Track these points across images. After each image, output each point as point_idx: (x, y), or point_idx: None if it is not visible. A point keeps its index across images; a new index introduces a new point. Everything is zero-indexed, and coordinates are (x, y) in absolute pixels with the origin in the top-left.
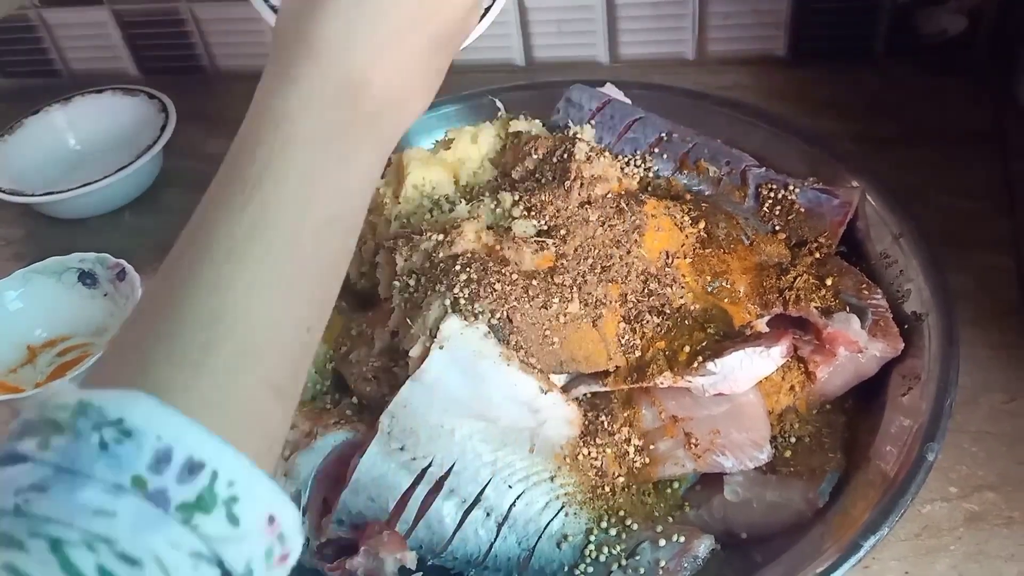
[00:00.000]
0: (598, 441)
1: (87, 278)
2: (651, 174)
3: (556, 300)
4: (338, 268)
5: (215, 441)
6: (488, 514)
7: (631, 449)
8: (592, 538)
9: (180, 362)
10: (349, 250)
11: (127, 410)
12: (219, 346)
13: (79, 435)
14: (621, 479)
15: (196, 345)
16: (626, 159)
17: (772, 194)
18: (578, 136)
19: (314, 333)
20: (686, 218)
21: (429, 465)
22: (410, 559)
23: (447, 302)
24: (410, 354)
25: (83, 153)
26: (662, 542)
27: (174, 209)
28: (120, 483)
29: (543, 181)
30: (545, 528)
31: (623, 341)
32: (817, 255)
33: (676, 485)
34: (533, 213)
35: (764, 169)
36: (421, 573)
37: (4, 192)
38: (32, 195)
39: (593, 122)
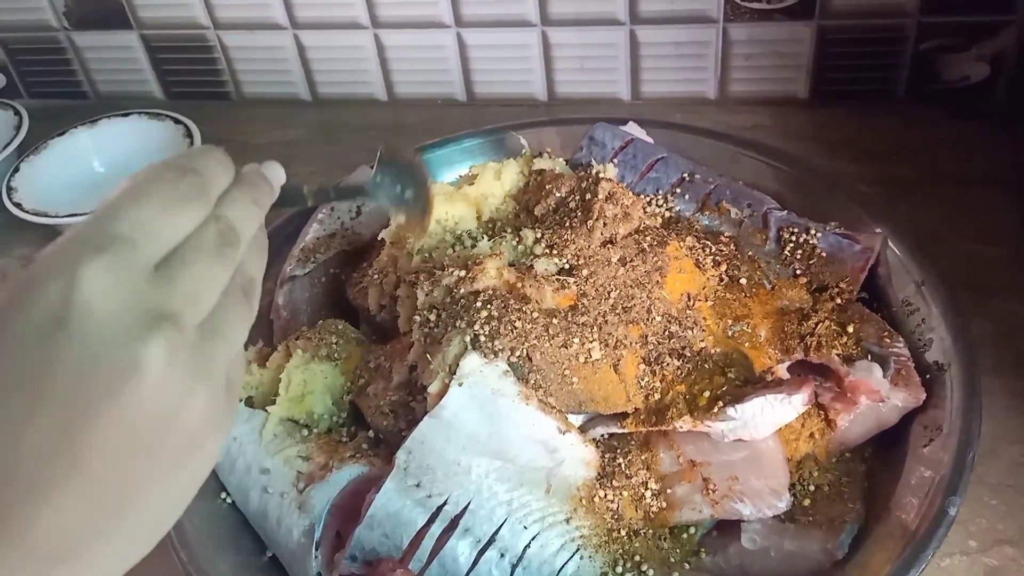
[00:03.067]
0: (615, 483)
1: None
2: (673, 214)
3: (576, 340)
4: None
5: None
6: (503, 555)
7: (648, 493)
8: None
9: None
10: None
11: None
12: None
13: None
14: (637, 523)
15: None
16: (648, 199)
17: (793, 238)
18: (601, 175)
19: None
20: (708, 260)
21: (444, 503)
22: None
23: (467, 339)
24: (428, 390)
25: (107, 176)
26: None
27: None
28: None
29: (566, 219)
30: (560, 571)
31: (643, 383)
32: (838, 301)
33: (692, 530)
34: (555, 251)
35: (785, 212)
36: None
37: (28, 212)
38: (56, 216)
39: (616, 161)
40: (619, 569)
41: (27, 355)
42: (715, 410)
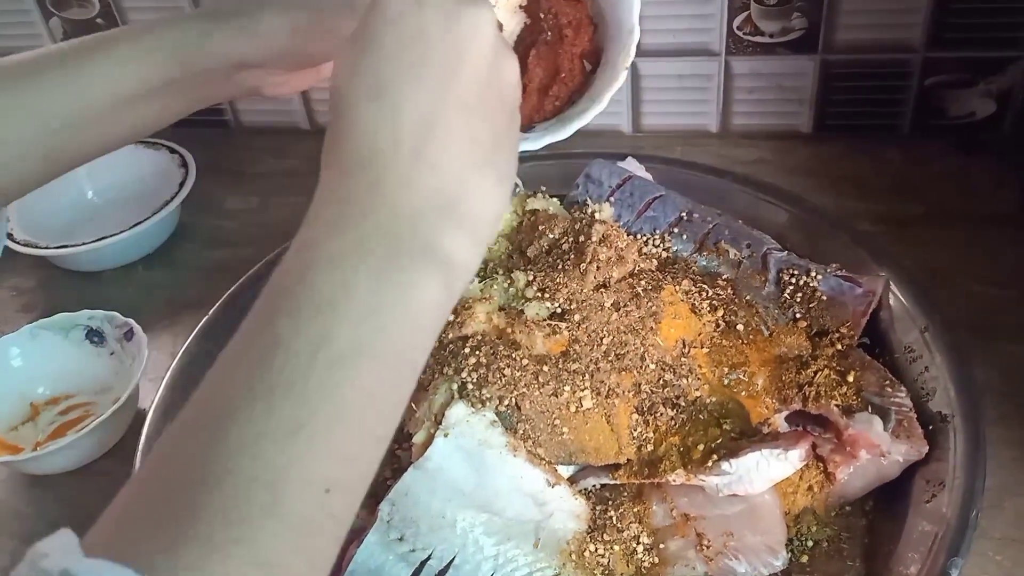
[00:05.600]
0: (606, 537)
1: (94, 336)
2: (670, 255)
3: (567, 388)
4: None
5: None
6: None
7: (640, 547)
8: None
9: (168, 535)
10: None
11: None
12: (199, 514)
13: None
14: None
15: (179, 511)
16: (644, 238)
17: (794, 280)
18: (596, 216)
19: (339, 497)
20: (704, 305)
21: (429, 557)
22: None
23: (454, 386)
24: (414, 440)
25: (100, 205)
26: None
27: (188, 265)
28: None
29: (558, 262)
30: None
31: (635, 433)
32: (839, 346)
33: None
34: (547, 295)
35: (786, 253)
36: None
37: (18, 243)
38: (46, 247)
39: (612, 199)
40: None
41: (408, 23)
42: (709, 464)
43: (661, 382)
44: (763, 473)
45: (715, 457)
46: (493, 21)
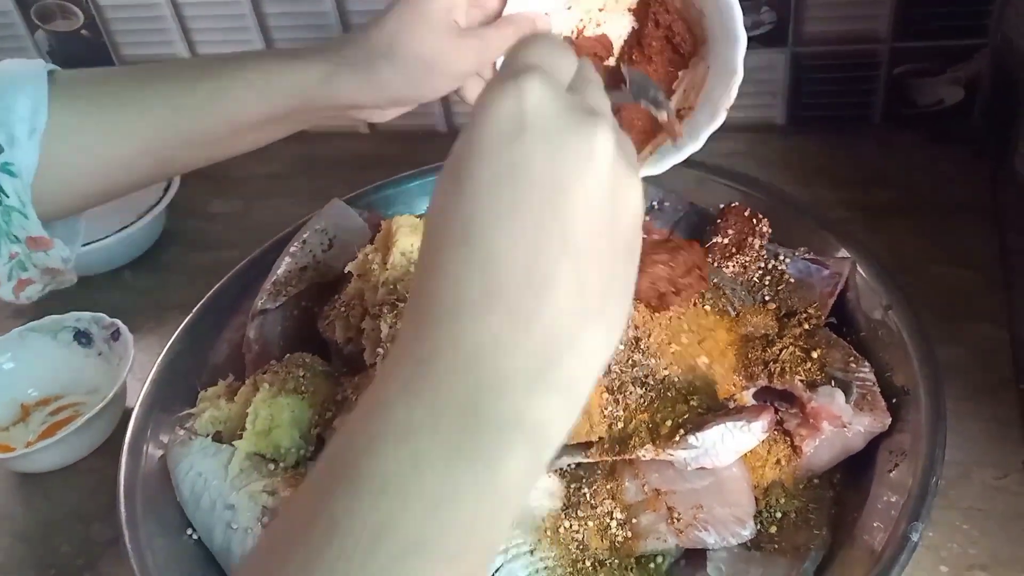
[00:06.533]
0: (580, 514)
1: (82, 337)
2: None
3: None
4: None
5: None
6: None
7: (613, 523)
8: None
9: None
10: None
11: None
12: None
13: None
14: (603, 553)
15: None
16: None
17: (762, 264)
18: None
19: None
20: None
21: None
22: None
23: None
24: None
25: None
26: None
27: (174, 269)
28: None
29: None
30: None
31: (606, 412)
32: (806, 326)
33: (659, 560)
34: None
35: None
36: None
37: None
38: None
39: None
40: None
41: (503, 157)
42: (676, 438)
43: (630, 362)
44: (728, 445)
45: (682, 432)
46: (610, 142)
